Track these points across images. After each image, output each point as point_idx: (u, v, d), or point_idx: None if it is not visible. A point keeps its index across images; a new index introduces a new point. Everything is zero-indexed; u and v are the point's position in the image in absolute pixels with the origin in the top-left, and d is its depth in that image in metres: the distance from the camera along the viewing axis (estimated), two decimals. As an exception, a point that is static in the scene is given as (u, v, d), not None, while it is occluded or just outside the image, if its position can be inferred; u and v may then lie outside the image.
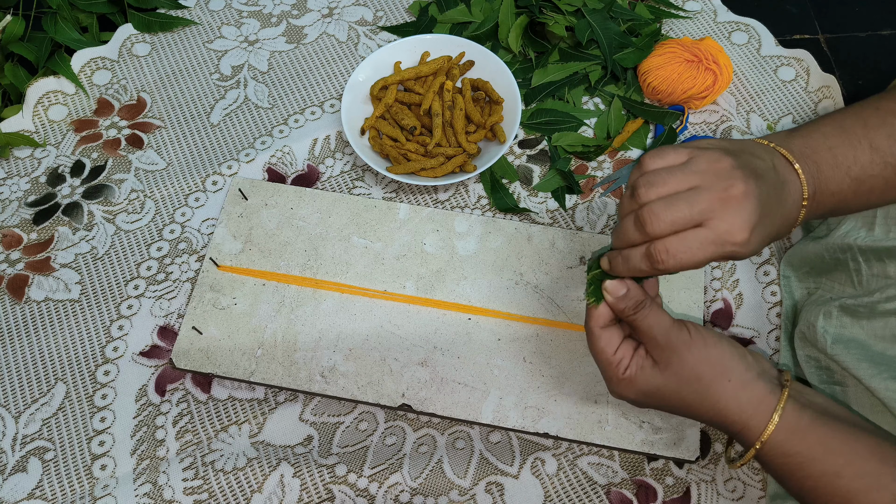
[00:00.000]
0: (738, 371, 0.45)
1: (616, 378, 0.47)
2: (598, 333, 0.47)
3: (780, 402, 0.44)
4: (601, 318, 0.47)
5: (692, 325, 0.46)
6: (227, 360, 0.60)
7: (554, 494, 0.57)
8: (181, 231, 0.69)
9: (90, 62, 0.78)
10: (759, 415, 0.44)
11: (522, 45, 0.77)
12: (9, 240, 0.68)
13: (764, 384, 0.45)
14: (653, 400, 0.47)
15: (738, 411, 0.44)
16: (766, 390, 0.44)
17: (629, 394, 0.47)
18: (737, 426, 0.45)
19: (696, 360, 0.45)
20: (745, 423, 0.44)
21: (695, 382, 0.45)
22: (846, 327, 0.52)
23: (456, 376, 0.60)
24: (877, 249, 0.53)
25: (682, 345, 0.45)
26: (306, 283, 0.64)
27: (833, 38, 0.84)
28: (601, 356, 0.47)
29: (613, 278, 0.46)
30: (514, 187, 0.70)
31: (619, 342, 0.47)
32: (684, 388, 0.45)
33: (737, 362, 0.45)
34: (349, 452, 0.58)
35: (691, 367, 0.45)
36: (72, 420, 0.60)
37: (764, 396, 0.44)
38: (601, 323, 0.47)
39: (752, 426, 0.44)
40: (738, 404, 0.44)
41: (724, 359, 0.45)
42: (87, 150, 0.73)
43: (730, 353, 0.45)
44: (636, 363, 0.46)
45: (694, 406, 0.46)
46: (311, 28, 0.81)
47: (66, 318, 0.64)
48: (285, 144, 0.73)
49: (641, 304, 0.46)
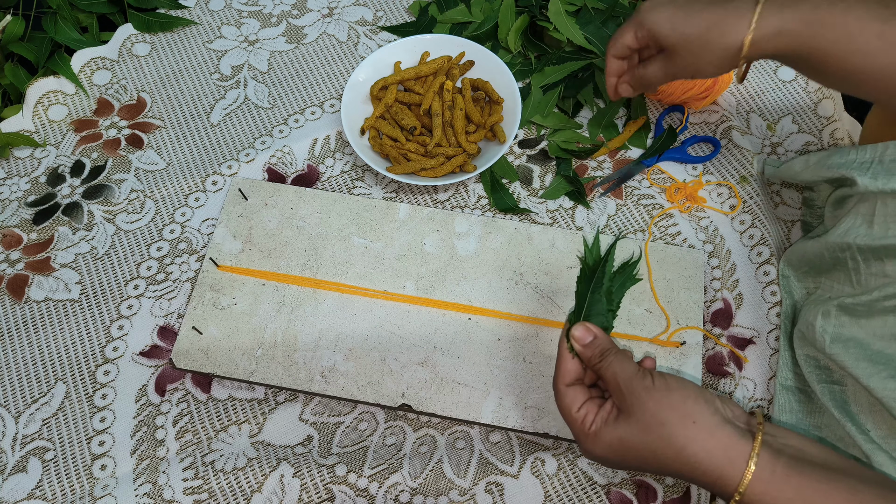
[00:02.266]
0: (704, 415, 0.44)
1: (583, 434, 0.47)
2: (564, 391, 0.48)
3: (753, 450, 0.42)
4: (567, 375, 0.48)
5: (658, 373, 0.46)
6: (227, 360, 0.60)
7: (554, 494, 0.57)
8: (181, 231, 0.69)
9: (90, 62, 0.78)
10: (732, 463, 0.42)
11: (522, 45, 0.77)
12: (9, 240, 0.68)
13: (732, 430, 0.43)
14: (622, 454, 0.46)
15: (707, 458, 0.43)
16: (736, 436, 0.43)
17: (598, 450, 0.47)
18: (711, 475, 0.43)
19: (658, 406, 0.44)
20: (719, 472, 0.42)
21: (658, 428, 0.44)
22: (845, 326, 0.52)
23: (456, 376, 0.60)
24: (875, 248, 0.53)
25: (644, 391, 0.44)
26: (306, 283, 0.64)
27: (833, 38, 0.83)
28: (566, 413, 0.48)
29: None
30: (514, 187, 0.70)
31: (584, 399, 0.48)
32: (649, 434, 0.44)
33: (701, 406, 0.44)
34: (349, 452, 0.58)
35: (653, 412, 0.44)
36: (72, 420, 0.60)
37: (734, 443, 0.43)
38: (567, 381, 0.48)
39: (727, 475, 0.42)
40: (705, 450, 0.43)
41: (687, 402, 0.44)
42: (87, 150, 0.73)
43: (693, 398, 0.44)
44: (601, 417, 0.46)
45: (661, 453, 0.44)
46: (311, 28, 0.81)
47: (66, 318, 0.64)
48: (285, 144, 0.73)
49: (607, 352, 0.47)
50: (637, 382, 0.45)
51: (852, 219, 0.56)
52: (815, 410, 0.57)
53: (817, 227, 0.65)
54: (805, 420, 0.57)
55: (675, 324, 0.62)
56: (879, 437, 0.51)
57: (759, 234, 0.67)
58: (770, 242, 0.66)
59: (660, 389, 0.44)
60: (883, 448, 0.50)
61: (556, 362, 0.49)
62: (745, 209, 0.68)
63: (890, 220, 0.53)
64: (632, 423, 0.45)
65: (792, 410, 0.57)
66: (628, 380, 0.45)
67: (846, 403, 0.53)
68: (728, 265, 0.66)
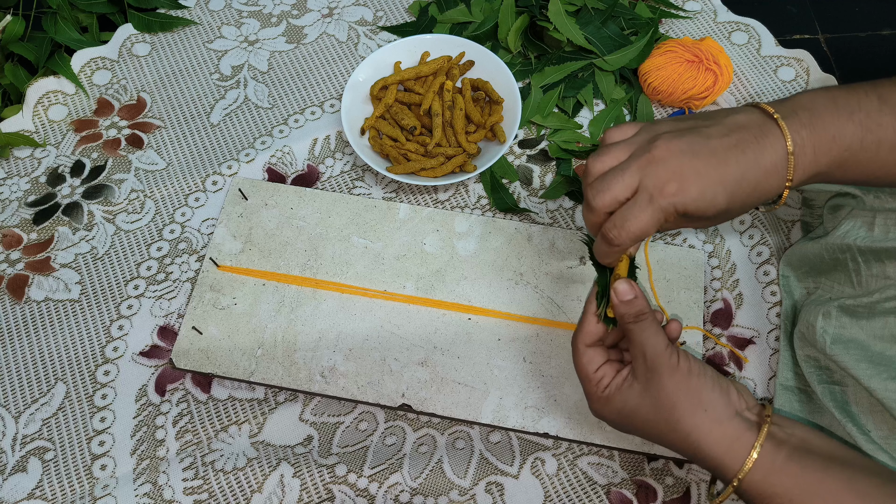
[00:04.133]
0: (717, 406, 0.44)
1: (595, 395, 0.47)
2: (583, 350, 0.48)
3: (757, 440, 0.43)
4: (588, 335, 0.48)
5: (685, 354, 0.46)
6: (227, 360, 0.60)
7: (554, 494, 0.57)
8: (181, 231, 0.69)
9: (90, 62, 0.78)
10: (734, 452, 0.43)
11: (522, 45, 0.77)
12: (9, 240, 0.68)
13: (741, 422, 0.44)
14: (629, 421, 0.47)
15: (710, 447, 0.43)
16: (743, 428, 0.43)
17: (607, 413, 0.47)
18: (711, 462, 0.44)
19: (674, 387, 0.44)
20: (720, 458, 0.43)
21: (669, 409, 0.44)
22: (845, 327, 0.52)
23: (456, 376, 0.60)
24: (876, 250, 0.53)
25: (666, 368, 0.44)
26: (306, 283, 0.64)
27: (833, 38, 0.84)
28: (583, 372, 0.48)
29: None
30: (514, 187, 0.70)
31: (601, 361, 0.48)
32: (659, 413, 0.45)
33: (717, 396, 0.44)
34: (349, 452, 0.58)
35: (669, 392, 0.44)
36: (72, 420, 0.60)
37: (740, 434, 0.43)
38: (587, 341, 0.48)
39: (727, 463, 0.43)
40: (710, 438, 0.43)
41: (703, 390, 0.44)
42: (87, 150, 0.73)
43: (711, 386, 0.45)
44: (616, 383, 0.47)
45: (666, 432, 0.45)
46: (311, 28, 0.81)
47: (66, 318, 0.64)
48: (285, 144, 0.73)
49: (644, 315, 0.46)
50: (663, 359, 0.45)
51: (852, 221, 0.56)
52: (816, 410, 0.57)
53: (817, 227, 0.64)
54: (805, 420, 0.57)
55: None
56: (880, 437, 0.51)
57: (759, 234, 0.67)
58: (770, 242, 0.66)
59: (681, 371, 0.44)
60: (884, 448, 0.50)
61: (580, 322, 0.49)
62: (745, 209, 0.68)
63: (890, 224, 0.53)
64: (645, 396, 0.45)
65: (792, 410, 0.57)
66: (656, 353, 0.45)
67: (847, 404, 0.53)
68: (728, 265, 0.66)
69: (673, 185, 0.43)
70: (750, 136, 0.44)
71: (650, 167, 0.43)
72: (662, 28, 0.80)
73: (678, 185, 0.43)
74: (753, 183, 0.44)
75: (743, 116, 0.46)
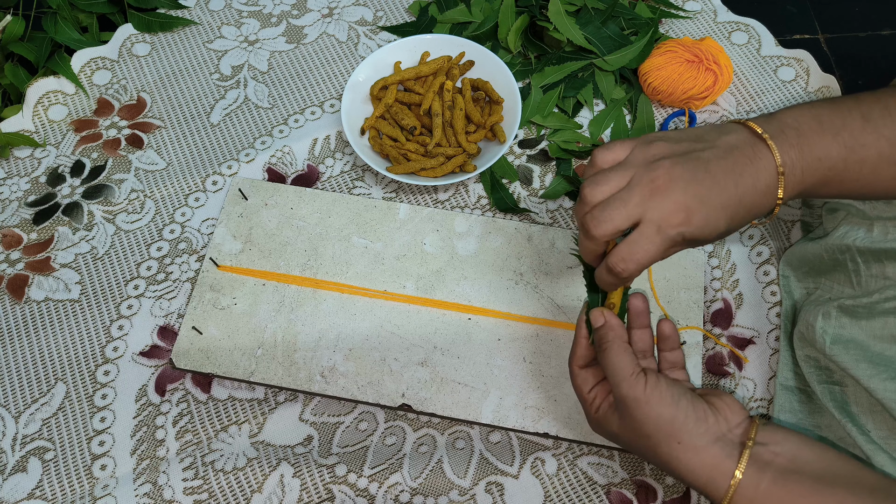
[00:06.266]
0: (692, 435, 0.43)
1: (590, 415, 0.49)
2: (576, 372, 0.50)
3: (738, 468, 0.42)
4: (581, 358, 0.50)
5: (654, 379, 0.45)
6: (227, 360, 0.60)
7: (554, 494, 0.57)
8: (181, 231, 0.69)
9: (90, 62, 0.78)
10: (715, 481, 0.43)
11: (522, 45, 0.77)
12: (9, 240, 0.68)
13: (720, 449, 0.43)
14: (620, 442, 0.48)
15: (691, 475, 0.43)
16: (722, 455, 0.43)
17: (601, 432, 0.49)
18: (697, 487, 0.44)
19: (644, 419, 0.44)
20: (703, 487, 0.43)
21: (644, 439, 0.45)
22: (845, 328, 0.52)
23: (456, 376, 0.60)
24: (875, 251, 0.53)
25: (631, 401, 0.44)
26: (306, 283, 0.64)
27: (833, 38, 0.84)
28: (578, 392, 0.50)
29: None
30: (514, 187, 0.70)
31: (594, 382, 0.49)
32: (637, 441, 0.45)
33: (692, 425, 0.43)
34: (349, 452, 0.58)
35: (640, 423, 0.44)
36: (72, 420, 0.60)
37: (719, 462, 0.43)
38: (580, 363, 0.50)
39: (710, 492, 0.43)
40: (689, 468, 0.43)
41: (675, 421, 0.44)
42: (87, 150, 0.73)
43: (684, 416, 0.44)
44: (606, 404, 0.47)
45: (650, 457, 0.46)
46: (311, 28, 0.81)
47: (66, 318, 0.64)
48: (285, 144, 0.73)
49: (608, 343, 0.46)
50: (627, 388, 0.44)
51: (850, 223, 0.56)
52: (816, 410, 0.57)
53: (817, 227, 0.64)
54: (805, 420, 0.57)
55: (675, 324, 0.62)
56: (880, 437, 0.51)
57: (759, 234, 0.67)
58: (770, 242, 0.66)
59: (651, 402, 0.44)
60: (883, 448, 0.50)
61: (573, 344, 0.51)
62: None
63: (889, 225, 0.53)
64: (623, 424, 0.46)
65: (792, 410, 0.57)
66: (619, 381, 0.45)
67: (846, 404, 0.53)
68: (728, 265, 0.66)
69: (680, 216, 0.43)
70: (744, 158, 0.45)
71: (655, 198, 0.43)
72: (662, 28, 0.80)
73: (685, 216, 0.43)
74: (750, 205, 0.45)
75: (734, 137, 0.46)
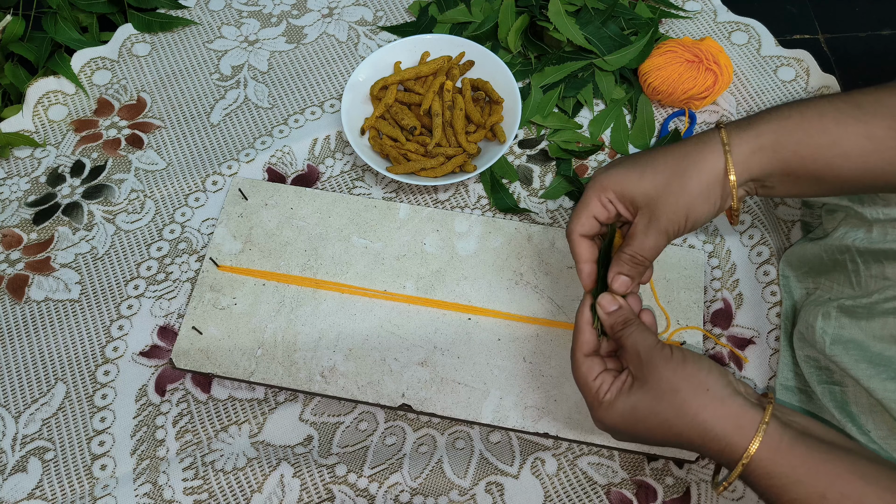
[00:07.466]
0: (717, 385, 0.45)
1: (596, 403, 0.48)
2: (581, 360, 0.50)
3: (763, 419, 0.43)
4: (586, 346, 0.50)
5: (676, 346, 0.47)
6: (227, 360, 0.60)
7: (554, 494, 0.57)
8: (181, 231, 0.69)
9: (90, 62, 0.78)
10: (741, 430, 0.43)
11: (522, 45, 0.77)
12: (9, 240, 0.68)
13: (743, 400, 0.44)
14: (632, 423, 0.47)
15: (717, 425, 0.44)
16: (746, 406, 0.44)
17: (609, 419, 0.48)
18: (719, 442, 0.44)
19: (673, 374, 0.45)
20: (727, 438, 0.43)
21: (672, 395, 0.45)
22: (845, 328, 0.52)
23: (456, 376, 0.60)
24: (875, 251, 0.53)
25: (662, 360, 0.46)
26: (306, 283, 0.64)
27: (833, 38, 0.84)
28: (582, 381, 0.49)
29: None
30: (514, 187, 0.70)
31: (600, 370, 0.49)
32: (662, 402, 0.45)
33: (715, 377, 0.45)
34: (349, 452, 0.58)
35: (668, 379, 0.45)
36: (72, 420, 0.60)
37: (744, 412, 0.43)
38: (585, 351, 0.50)
39: (735, 443, 0.43)
40: (716, 417, 0.44)
41: (700, 373, 0.45)
42: (87, 150, 0.73)
43: (707, 369, 0.45)
44: (615, 387, 0.47)
45: (672, 420, 0.45)
46: (311, 28, 0.81)
47: (66, 318, 0.64)
48: (285, 144, 0.73)
49: (630, 321, 0.48)
50: (656, 352, 0.46)
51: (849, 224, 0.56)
52: (816, 411, 0.57)
53: (817, 227, 0.65)
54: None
55: (675, 324, 0.62)
56: (880, 437, 0.51)
57: (759, 234, 0.67)
58: (770, 242, 0.66)
59: (676, 359, 0.46)
60: (883, 449, 0.50)
61: (574, 334, 0.51)
62: (744, 209, 0.68)
63: (888, 226, 0.53)
64: (646, 390, 0.46)
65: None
66: (648, 349, 0.46)
67: (846, 404, 0.53)
68: (728, 265, 0.66)
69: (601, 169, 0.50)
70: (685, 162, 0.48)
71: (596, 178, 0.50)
72: (662, 28, 0.80)
73: (605, 167, 0.50)
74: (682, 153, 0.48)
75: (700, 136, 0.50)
